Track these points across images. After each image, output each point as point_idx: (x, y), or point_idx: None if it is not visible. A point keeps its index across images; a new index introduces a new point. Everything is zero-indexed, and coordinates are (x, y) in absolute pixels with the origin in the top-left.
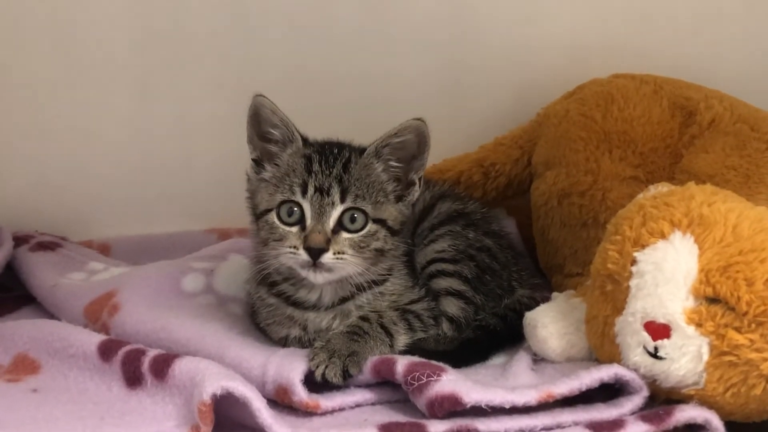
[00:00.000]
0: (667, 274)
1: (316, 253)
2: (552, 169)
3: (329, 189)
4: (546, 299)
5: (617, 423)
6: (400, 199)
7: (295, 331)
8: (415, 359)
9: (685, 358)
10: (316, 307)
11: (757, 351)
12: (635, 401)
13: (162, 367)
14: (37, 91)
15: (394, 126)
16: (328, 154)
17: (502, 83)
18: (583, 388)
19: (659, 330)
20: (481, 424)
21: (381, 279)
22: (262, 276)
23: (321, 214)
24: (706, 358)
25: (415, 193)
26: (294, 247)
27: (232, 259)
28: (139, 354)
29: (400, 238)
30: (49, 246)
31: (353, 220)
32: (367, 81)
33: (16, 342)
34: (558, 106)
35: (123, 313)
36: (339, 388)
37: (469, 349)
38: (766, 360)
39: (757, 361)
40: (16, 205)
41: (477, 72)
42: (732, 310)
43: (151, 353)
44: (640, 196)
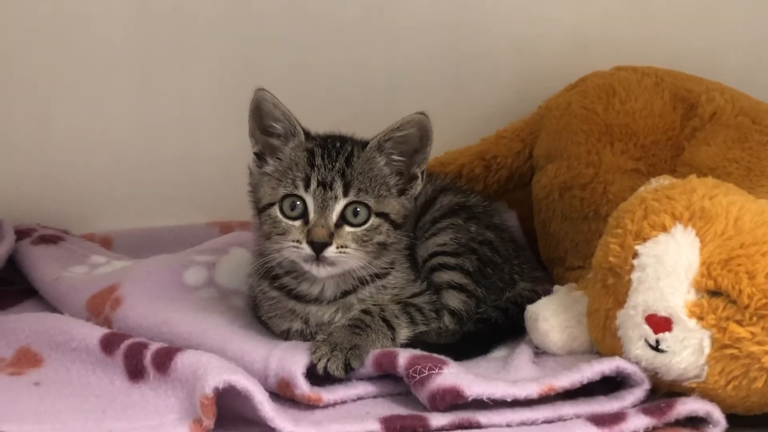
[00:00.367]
0: (668, 267)
1: (319, 247)
2: (553, 162)
3: (332, 183)
4: (547, 292)
5: (619, 416)
6: (402, 192)
7: (297, 325)
8: (417, 352)
9: (687, 351)
10: (318, 300)
11: (759, 344)
12: (637, 394)
13: (164, 360)
14: (38, 85)
15: (396, 119)
16: (330, 147)
17: (504, 76)
18: (585, 381)
19: (661, 323)
20: (482, 417)
21: (383, 272)
22: (264, 269)
23: (324, 208)
24: (707, 351)
25: (418, 186)
26: (297, 241)
27: (234, 253)
28: (141, 347)
29: (402, 231)
30: (51, 239)
31: (356, 213)
32: (369, 74)
33: (19, 335)
34: (560, 98)
35: (125, 307)
36: (341, 381)
37: (471, 342)
38: (767, 353)
39: (759, 354)
40: (18, 199)
41: (479, 64)
42: (733, 303)
43: (153, 346)
44: (642, 189)
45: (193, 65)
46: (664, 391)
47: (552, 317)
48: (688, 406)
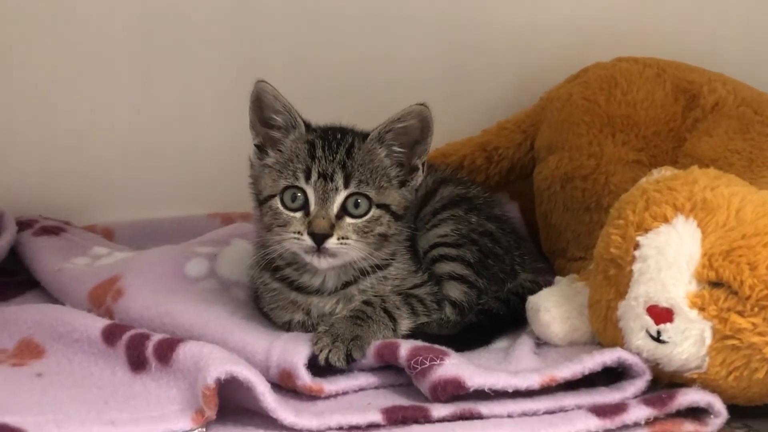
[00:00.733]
0: (669, 259)
1: (320, 239)
2: (555, 153)
3: (333, 174)
4: (549, 283)
5: (620, 406)
6: (403, 184)
7: (299, 316)
8: (418, 343)
9: (688, 342)
10: (320, 291)
11: (760, 335)
12: (638, 385)
13: (166, 351)
14: (39, 77)
15: (397, 111)
16: (331, 139)
17: (506, 67)
18: (586, 372)
19: (662, 314)
20: (483, 407)
21: (384, 263)
22: (266, 261)
23: (325, 199)
24: (708, 342)
25: (419, 178)
26: (298, 232)
27: (236, 244)
28: (143, 338)
29: (403, 222)
30: (52, 231)
31: (357, 205)
32: (370, 65)
33: (21, 326)
34: (561, 89)
35: (127, 298)
36: (342, 372)
37: (472, 333)
38: None
39: (760, 344)
40: (20, 190)
41: (480, 56)
42: (735, 294)
43: (156, 338)
44: (643, 180)
45: (194, 57)
46: (665, 382)
47: (553, 308)
48: (690, 397)
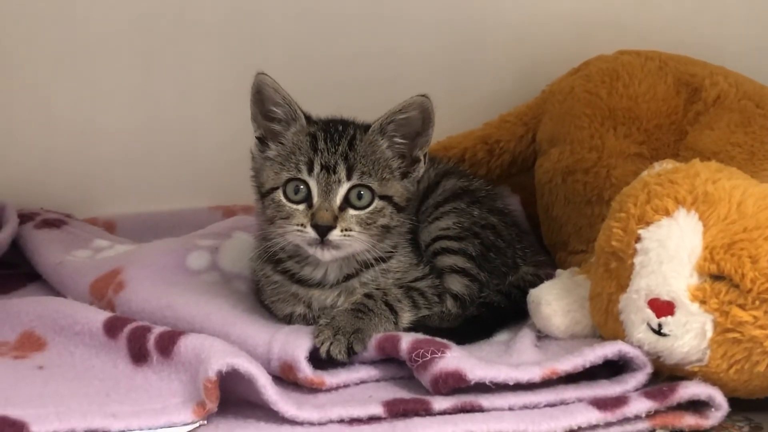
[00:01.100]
0: (671, 252)
1: (323, 231)
2: (556, 146)
3: (335, 166)
4: (550, 276)
5: (621, 399)
6: (405, 175)
7: (300, 309)
8: (420, 336)
9: (689, 335)
10: (321, 284)
11: (761, 328)
12: (639, 378)
13: (167, 344)
14: (40, 69)
15: (398, 103)
16: (333, 131)
17: (507, 60)
18: (587, 365)
19: (663, 307)
20: (485, 400)
21: (386, 256)
22: (268, 254)
23: (328, 191)
24: (710, 335)
25: (421, 169)
26: (301, 225)
27: (237, 237)
28: (144, 331)
29: (405, 214)
30: (54, 223)
31: (360, 197)
32: (372, 59)
33: (22, 319)
34: (563, 82)
35: (128, 291)
36: (344, 364)
37: (474, 326)
38: None
39: (761, 337)
40: (21, 183)
41: (482, 49)
42: (736, 287)
43: (157, 330)
44: (645, 174)
45: (195, 50)
46: (666, 375)
47: (554, 301)
48: (690, 390)
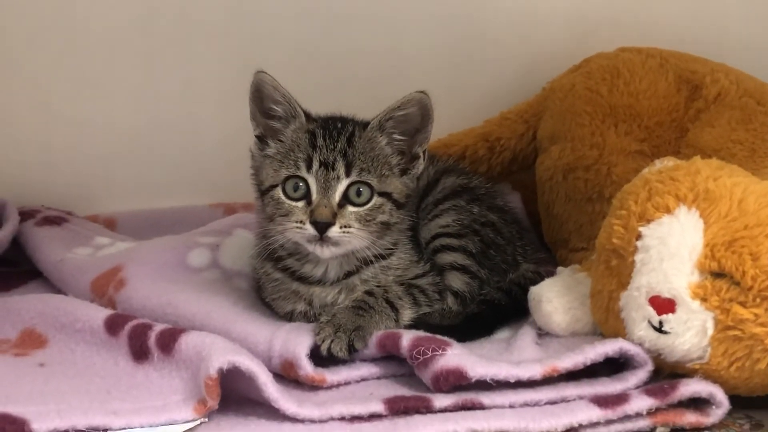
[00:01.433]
0: (672, 249)
1: (322, 227)
2: (557, 144)
3: (334, 163)
4: (551, 274)
5: (622, 397)
6: (404, 172)
7: (301, 306)
8: (420, 334)
9: (690, 332)
10: (322, 281)
11: (762, 325)
12: (640, 375)
13: (168, 341)
14: (41, 67)
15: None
16: (331, 128)
17: (508, 57)
18: (588, 363)
19: (664, 304)
20: (485, 398)
21: (386, 253)
22: (268, 251)
23: (327, 188)
24: (710, 332)
25: (420, 166)
26: (300, 221)
27: (238, 234)
28: (145, 328)
29: (405, 211)
30: (55, 221)
31: (359, 193)
32: (372, 56)
33: (23, 317)
34: (564, 80)
35: (129, 288)
36: (344, 362)
37: (474, 323)
38: None
39: (762, 335)
40: (22, 180)
41: (482, 46)
42: (737, 284)
43: (158, 328)
44: (646, 171)
45: (195, 46)
46: (667, 373)
47: (555, 299)
48: (691, 388)
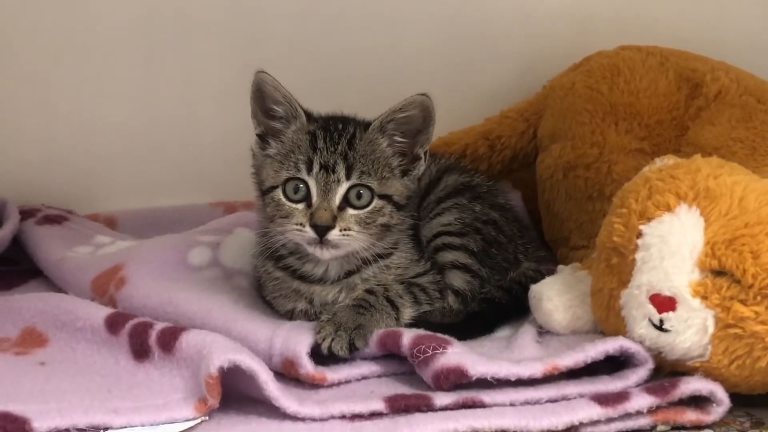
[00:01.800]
0: (672, 247)
1: (322, 230)
2: (558, 142)
3: (334, 166)
4: (551, 272)
5: (622, 395)
6: (405, 173)
7: (302, 305)
8: (421, 332)
9: (691, 330)
10: (322, 280)
11: (763, 323)
12: (640, 373)
13: (169, 340)
14: (41, 65)
15: (398, 101)
16: (332, 130)
17: (508, 56)
18: (589, 361)
19: (665, 303)
20: (486, 396)
21: (387, 252)
22: (269, 250)
23: (327, 191)
24: (711, 330)
25: (421, 167)
26: (300, 224)
27: (238, 233)
28: (146, 327)
29: (405, 212)
30: (55, 219)
31: (359, 196)
32: (373, 55)
33: (24, 315)
34: (564, 78)
35: (130, 287)
36: (345, 360)
37: (475, 321)
38: None
39: (762, 333)
40: (23, 179)
41: (482, 44)
42: (737, 282)
43: (158, 326)
44: (646, 169)
45: (196, 45)
46: (667, 371)
47: (556, 297)
48: (692, 386)
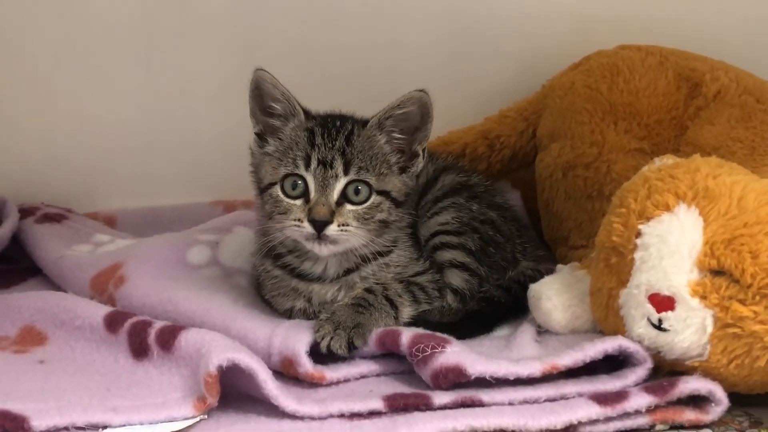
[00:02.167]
0: (671, 247)
1: (320, 226)
2: (557, 142)
3: (332, 162)
4: (550, 271)
5: (621, 394)
6: (403, 170)
7: (300, 303)
8: (420, 331)
9: (689, 330)
10: (321, 279)
11: (761, 323)
12: (639, 373)
13: (168, 338)
14: (40, 64)
15: (396, 97)
16: (330, 126)
17: (508, 55)
18: (587, 360)
19: (663, 302)
20: (485, 395)
21: (385, 251)
22: (267, 248)
23: (325, 186)
24: (710, 330)
25: (419, 164)
26: (298, 219)
27: (237, 232)
28: (145, 325)
29: (404, 209)
30: (54, 218)
31: (357, 192)
32: (371, 53)
33: (23, 314)
34: (563, 77)
35: (129, 285)
36: (344, 359)
37: (474, 321)
38: None
39: (761, 333)
40: (22, 178)
41: (482, 43)
42: (736, 282)
43: (158, 325)
44: (645, 169)
45: (195, 45)
46: (666, 370)
47: (555, 296)
48: (691, 385)
